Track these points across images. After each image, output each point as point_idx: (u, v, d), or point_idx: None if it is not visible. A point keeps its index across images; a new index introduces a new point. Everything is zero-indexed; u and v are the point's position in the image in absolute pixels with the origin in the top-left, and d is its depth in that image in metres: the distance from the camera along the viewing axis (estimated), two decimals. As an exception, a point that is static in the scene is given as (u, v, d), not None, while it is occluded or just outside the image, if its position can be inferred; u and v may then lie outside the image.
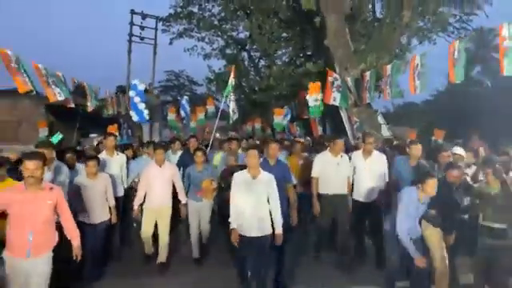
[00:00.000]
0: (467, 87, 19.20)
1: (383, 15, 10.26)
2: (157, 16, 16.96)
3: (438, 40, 12.91)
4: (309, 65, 12.02)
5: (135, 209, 4.69)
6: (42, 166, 2.91)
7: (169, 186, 4.74)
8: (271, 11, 13.72)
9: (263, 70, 17.24)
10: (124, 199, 5.26)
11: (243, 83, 16.44)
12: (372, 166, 4.79)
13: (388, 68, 7.03)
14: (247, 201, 3.55)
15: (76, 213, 3.93)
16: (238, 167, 4.17)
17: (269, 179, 3.63)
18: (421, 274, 3.60)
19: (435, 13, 9.89)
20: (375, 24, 11.01)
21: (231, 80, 7.54)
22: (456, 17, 12.61)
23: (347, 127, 9.00)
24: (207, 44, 17.40)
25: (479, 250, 3.79)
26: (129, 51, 16.51)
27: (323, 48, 9.80)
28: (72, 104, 7.25)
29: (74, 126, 9.72)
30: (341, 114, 9.17)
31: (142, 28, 16.62)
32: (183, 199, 4.83)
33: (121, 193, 5.17)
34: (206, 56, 17.29)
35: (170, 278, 4.50)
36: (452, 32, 13.04)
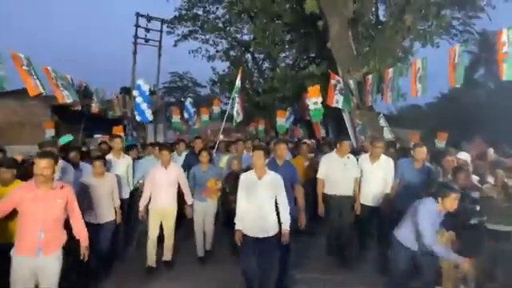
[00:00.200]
0: (471, 90, 19.16)
1: (386, 18, 10.29)
2: (162, 18, 17.11)
3: (442, 43, 12.92)
4: (312, 67, 12.03)
5: (141, 209, 4.67)
6: (54, 166, 2.88)
7: (174, 188, 4.72)
8: (275, 14, 13.75)
9: (267, 72, 17.31)
10: (129, 201, 5.27)
11: (247, 85, 16.50)
12: (379, 171, 4.73)
13: (390, 71, 7.09)
14: (253, 201, 3.55)
15: (82, 212, 3.95)
16: (243, 171, 4.17)
17: (276, 180, 3.60)
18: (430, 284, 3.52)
19: (438, 16, 9.90)
20: (378, 27, 11.04)
21: (238, 82, 7.59)
22: (459, 20, 12.61)
23: (349, 130, 9.05)
24: (211, 46, 17.60)
25: (484, 253, 3.77)
26: (134, 52, 16.67)
27: (326, 51, 9.83)
28: (79, 106, 7.33)
29: (79, 127, 9.83)
30: (343, 117, 9.24)
31: (147, 30, 16.76)
32: (189, 200, 4.82)
33: (126, 195, 5.19)
34: (210, 58, 17.47)
35: (173, 279, 4.50)
36: (455, 35, 12.99)
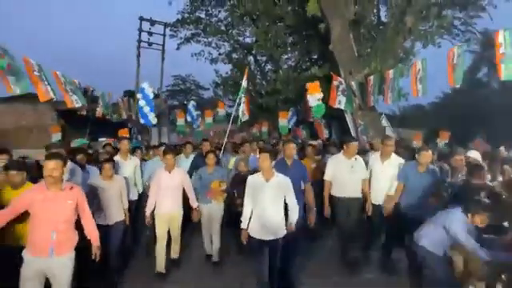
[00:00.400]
0: (474, 89, 19.15)
1: (387, 19, 10.37)
2: (165, 22, 17.28)
3: (444, 43, 12.92)
4: (314, 69, 12.12)
5: (147, 215, 4.60)
6: (62, 167, 2.91)
7: (179, 192, 4.66)
8: (277, 17, 13.89)
9: (269, 74, 17.44)
10: (137, 203, 5.27)
11: (249, 87, 16.61)
12: (389, 169, 4.63)
13: (390, 72, 7.18)
14: (260, 204, 3.51)
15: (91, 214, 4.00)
16: (250, 173, 4.08)
17: (284, 182, 3.55)
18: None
19: (439, 16, 9.95)
20: (380, 27, 11.11)
21: (244, 82, 7.69)
22: (461, 20, 12.64)
23: (352, 130, 9.14)
24: (214, 49, 17.78)
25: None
26: (138, 56, 16.84)
27: (328, 52, 9.93)
28: (85, 110, 7.44)
29: (85, 131, 9.95)
30: (346, 117, 9.33)
31: (150, 34, 16.92)
32: (194, 204, 4.76)
33: (134, 196, 5.21)
34: (213, 60, 17.64)
35: (177, 281, 4.49)
36: (457, 35, 13.01)
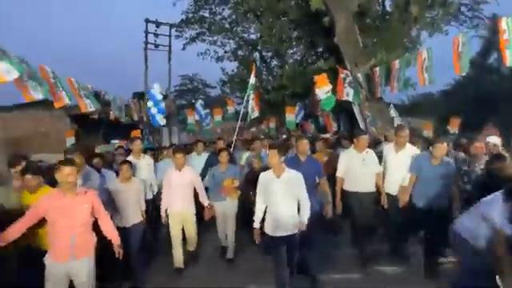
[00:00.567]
0: (484, 75, 18.85)
1: (392, 9, 10.30)
2: (171, 24, 17.41)
3: (451, 29, 12.71)
4: (320, 62, 12.07)
5: (162, 215, 4.68)
6: (76, 172, 3.03)
7: (190, 190, 4.70)
8: (281, 12, 13.84)
9: (275, 70, 17.42)
10: (152, 202, 5.30)
11: (256, 83, 16.64)
12: (403, 159, 4.55)
13: (396, 62, 7.17)
14: (272, 200, 3.53)
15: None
16: (262, 170, 4.11)
17: (295, 178, 3.54)
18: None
19: (444, 4, 9.84)
20: (386, 17, 11.02)
21: (252, 79, 7.74)
22: (467, 6, 12.46)
23: (360, 122, 9.15)
24: (219, 47, 17.83)
25: None
26: (145, 58, 17.04)
27: (333, 45, 9.93)
28: (97, 114, 7.60)
29: (98, 134, 10.19)
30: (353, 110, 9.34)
31: (157, 35, 17.07)
32: (205, 202, 4.79)
33: (149, 196, 5.26)
34: (219, 59, 17.70)
35: (191, 276, 4.58)
36: (464, 21, 12.85)
